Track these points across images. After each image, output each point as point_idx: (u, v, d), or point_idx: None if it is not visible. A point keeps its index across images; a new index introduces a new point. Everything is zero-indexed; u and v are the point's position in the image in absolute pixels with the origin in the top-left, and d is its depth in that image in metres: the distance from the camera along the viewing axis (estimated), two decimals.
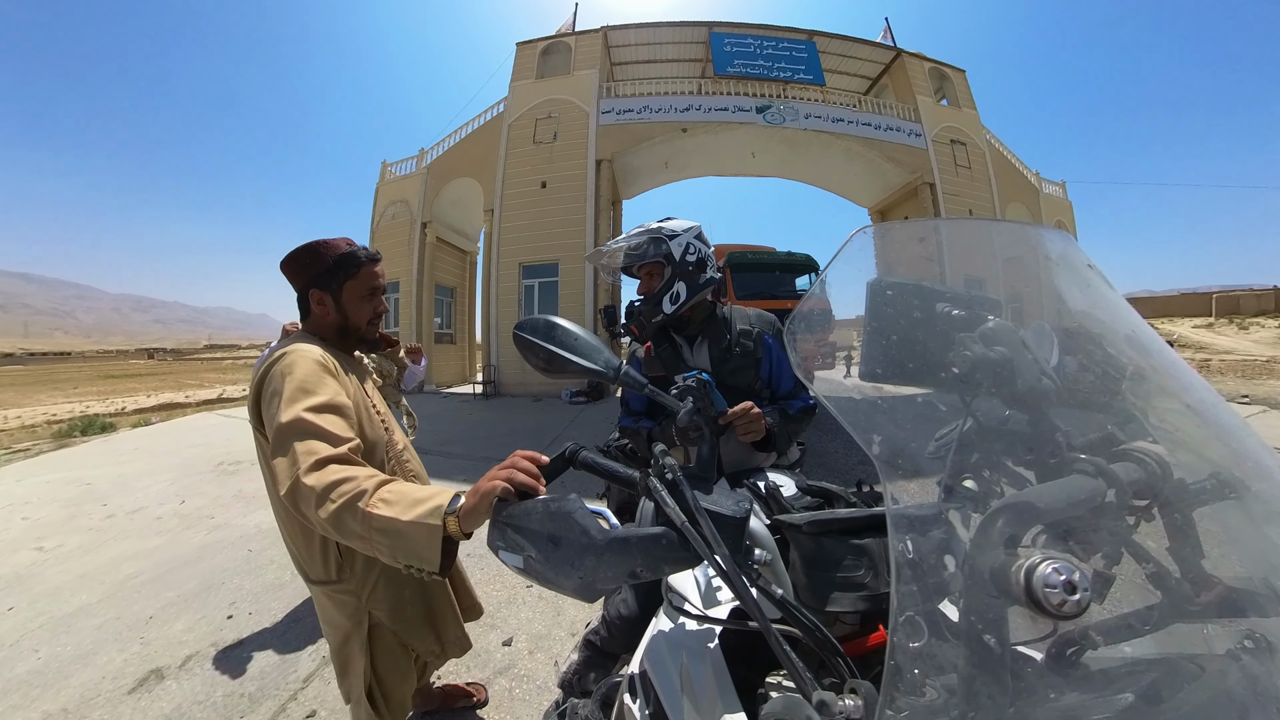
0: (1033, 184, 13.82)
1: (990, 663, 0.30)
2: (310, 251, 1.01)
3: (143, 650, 1.88)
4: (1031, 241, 0.50)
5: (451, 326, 13.87)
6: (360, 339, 1.08)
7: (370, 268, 1.05)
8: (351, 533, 0.61)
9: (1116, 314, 0.43)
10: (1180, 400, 0.38)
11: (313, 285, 1.01)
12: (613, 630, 0.94)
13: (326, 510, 0.62)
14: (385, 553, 0.60)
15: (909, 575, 0.34)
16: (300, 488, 0.65)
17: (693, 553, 0.44)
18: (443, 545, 0.57)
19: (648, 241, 1.13)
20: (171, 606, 2.13)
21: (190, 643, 1.91)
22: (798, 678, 0.37)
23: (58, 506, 3.55)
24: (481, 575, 2.41)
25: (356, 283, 1.03)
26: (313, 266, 1.01)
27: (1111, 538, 0.33)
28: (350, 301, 1.04)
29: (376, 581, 1.00)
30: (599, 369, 0.61)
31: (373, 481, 0.64)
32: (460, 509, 0.57)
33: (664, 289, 1.13)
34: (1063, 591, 0.28)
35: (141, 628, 2.01)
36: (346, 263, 1.01)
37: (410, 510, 0.59)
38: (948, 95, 12.94)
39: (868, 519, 0.55)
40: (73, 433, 6.24)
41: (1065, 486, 0.34)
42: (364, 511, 0.60)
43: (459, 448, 5.35)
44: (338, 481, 0.64)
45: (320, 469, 0.67)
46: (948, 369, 0.41)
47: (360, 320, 1.06)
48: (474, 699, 1.58)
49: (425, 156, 12.42)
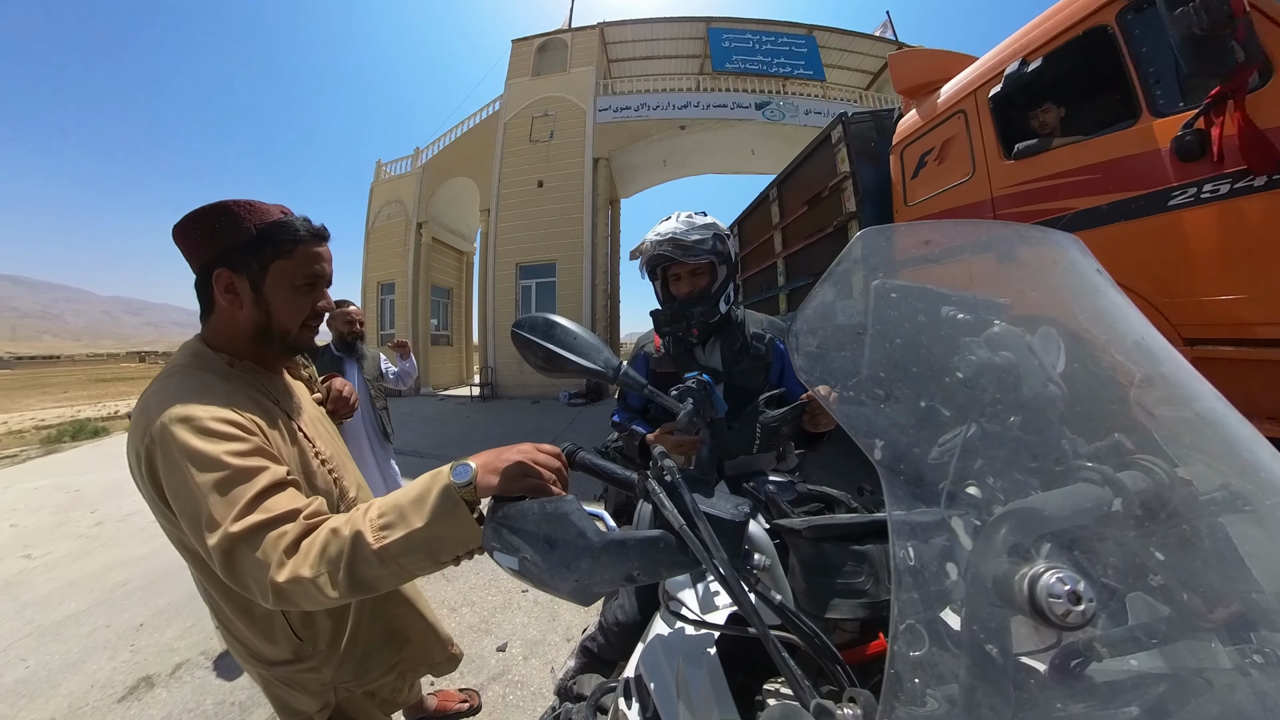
0: None
1: (992, 673, 0.30)
2: (221, 214, 0.69)
3: (133, 658, 1.87)
4: (1039, 245, 0.50)
5: (448, 328, 13.88)
6: (288, 348, 0.79)
7: (312, 246, 0.74)
8: (378, 579, 0.54)
9: (1125, 320, 0.43)
10: (1190, 408, 0.38)
11: (221, 263, 0.70)
12: (610, 637, 0.94)
13: (340, 585, 0.52)
14: (426, 563, 0.54)
15: (910, 582, 0.34)
16: (290, 589, 0.53)
17: (690, 557, 0.44)
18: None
19: (712, 237, 1.05)
20: (162, 614, 2.13)
21: (181, 650, 1.90)
22: (796, 686, 0.36)
23: (46, 513, 3.54)
24: (476, 579, 2.41)
25: (290, 264, 0.72)
26: (224, 236, 0.69)
27: (1118, 548, 0.33)
28: (278, 292, 0.72)
29: (345, 646, 0.83)
30: (598, 368, 0.61)
31: (354, 523, 0.54)
32: (478, 483, 0.54)
33: (720, 289, 1.11)
34: (1067, 602, 0.28)
35: (132, 635, 2.01)
36: (276, 234, 0.70)
37: (420, 512, 0.53)
38: None
39: (868, 525, 0.55)
40: (62, 438, 6.22)
41: (1071, 495, 0.34)
42: (377, 550, 0.52)
43: (456, 451, 5.36)
44: (323, 549, 0.53)
45: (295, 554, 0.54)
46: (952, 374, 0.41)
47: (291, 322, 0.75)
48: (468, 705, 1.58)
49: (420, 156, 12.43)
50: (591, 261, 10.12)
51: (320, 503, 0.62)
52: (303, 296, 0.76)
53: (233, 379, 0.72)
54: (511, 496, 0.52)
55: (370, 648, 0.89)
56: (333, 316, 2.31)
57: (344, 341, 2.31)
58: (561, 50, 11.45)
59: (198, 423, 0.61)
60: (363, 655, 0.86)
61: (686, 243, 1.04)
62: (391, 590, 0.81)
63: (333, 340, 2.33)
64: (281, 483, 0.61)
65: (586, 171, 10.37)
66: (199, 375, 0.70)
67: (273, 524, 0.56)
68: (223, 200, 0.71)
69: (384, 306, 12.55)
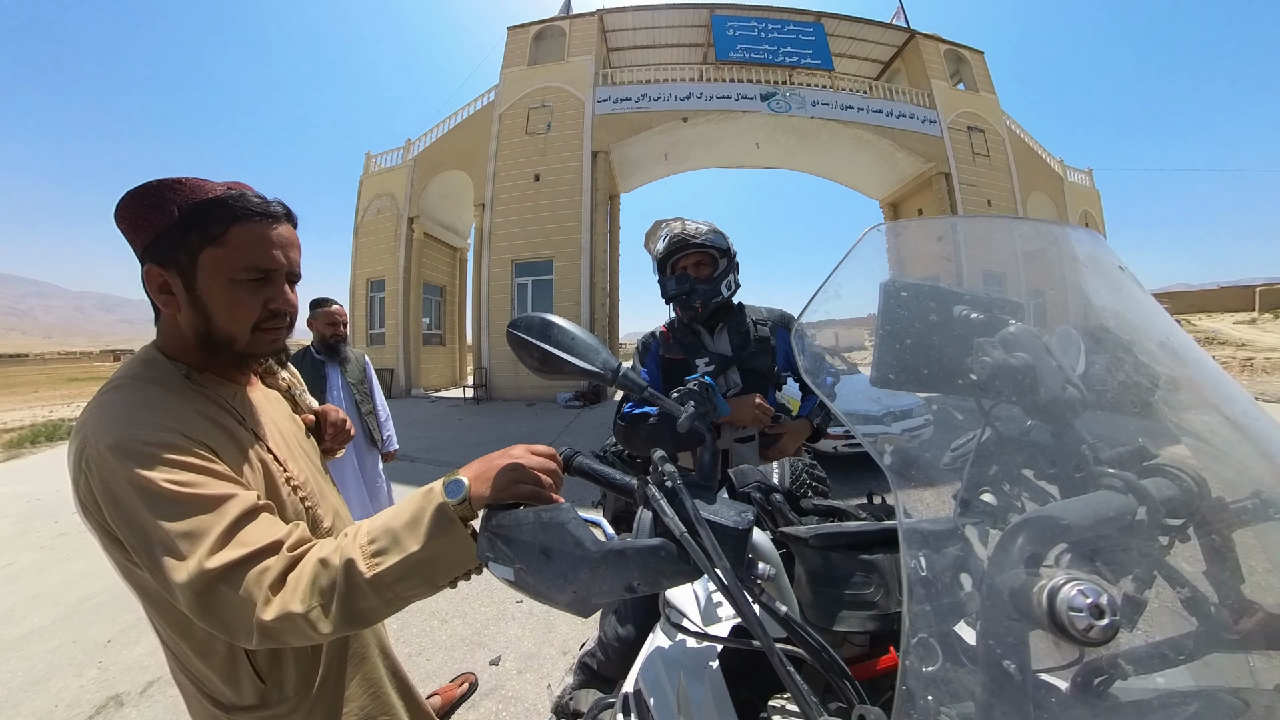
0: (1057, 172, 13.87)
1: (1010, 690, 0.29)
2: (144, 196, 0.60)
3: (101, 675, 1.86)
4: (1057, 241, 0.49)
5: (440, 327, 13.88)
6: (239, 357, 0.67)
7: (255, 228, 0.62)
8: (373, 609, 0.52)
9: (1149, 318, 0.43)
10: (1220, 412, 0.38)
11: (148, 257, 0.61)
12: (609, 653, 0.93)
13: (334, 619, 0.50)
14: (424, 589, 0.53)
15: (922, 594, 0.34)
16: (278, 627, 0.50)
17: (692, 566, 0.44)
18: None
19: (712, 231, 1.34)
20: (132, 629, 2.12)
21: (152, 668, 1.88)
22: (802, 702, 0.36)
23: (8, 522, 3.52)
24: (468, 589, 2.40)
25: (224, 253, 0.61)
26: (147, 223, 0.60)
27: (1143, 559, 0.33)
28: (213, 288, 0.62)
29: (317, 690, 0.76)
30: (597, 370, 0.61)
31: (343, 551, 0.52)
32: (471, 496, 0.53)
33: (722, 275, 1.34)
34: (1089, 615, 0.28)
35: (99, 652, 1.99)
36: (202, 216, 0.60)
37: (415, 534, 0.52)
38: (965, 79, 12.99)
39: (878, 533, 0.54)
40: (23, 443, 6.19)
41: (1092, 502, 0.34)
42: (371, 579, 0.50)
43: (447, 455, 5.35)
44: (313, 581, 0.51)
45: (281, 588, 0.51)
46: (965, 375, 0.41)
47: (234, 326, 0.64)
48: (467, 685, 1.74)
49: (412, 148, 12.45)
50: (590, 259, 10.13)
51: (302, 529, 0.58)
52: (246, 294, 0.63)
53: (189, 394, 0.64)
54: (506, 504, 0.52)
55: (347, 691, 0.81)
56: (314, 317, 2.26)
57: (326, 344, 2.26)
58: (559, 38, 11.48)
59: (142, 448, 0.54)
60: (334, 699, 0.79)
61: (691, 232, 1.33)
62: None
63: (314, 342, 2.29)
64: (254, 510, 0.57)
65: (585, 165, 10.39)
66: (146, 390, 0.62)
67: (253, 559, 0.52)
68: (155, 179, 0.61)
69: (373, 305, 12.55)
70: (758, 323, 1.40)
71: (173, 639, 0.68)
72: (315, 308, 2.29)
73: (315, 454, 0.91)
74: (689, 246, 1.33)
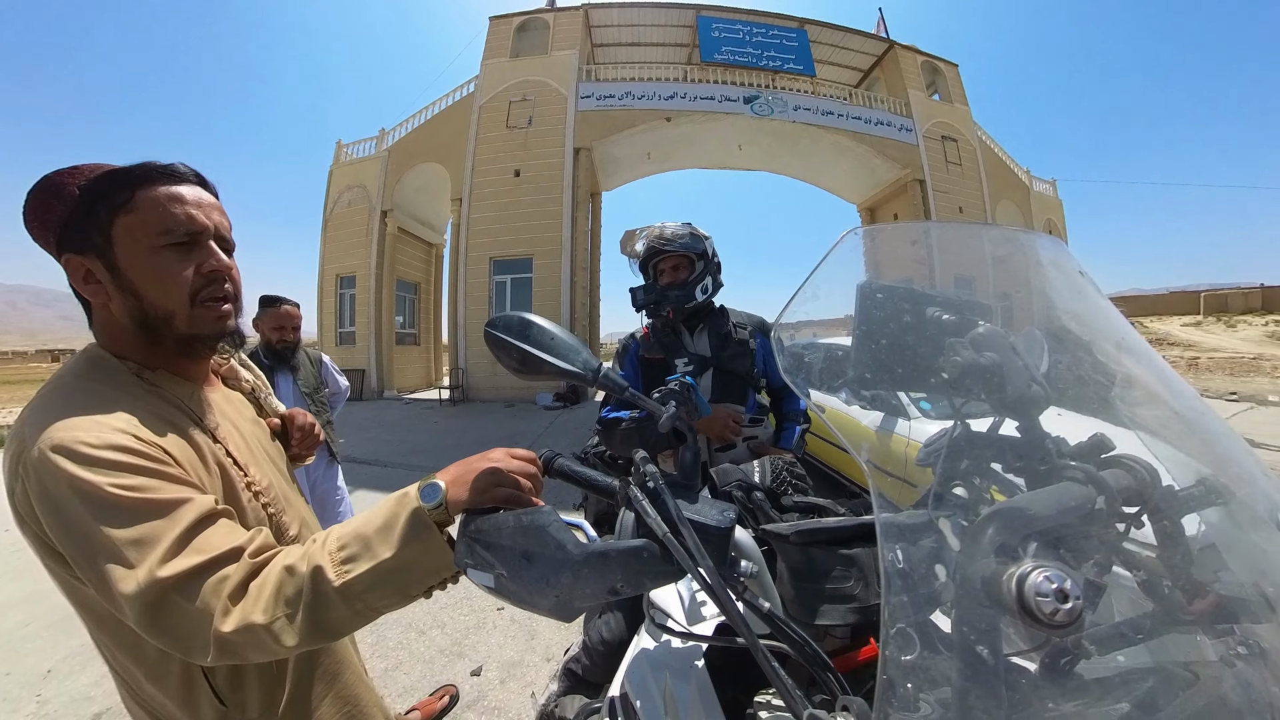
0: (1023, 182, 14.55)
1: (984, 675, 0.31)
2: (42, 190, 0.58)
3: (40, 710, 1.73)
4: (1023, 247, 0.52)
5: (415, 326, 13.55)
6: (186, 340, 0.63)
7: (161, 187, 0.59)
8: (342, 620, 0.50)
9: (1107, 321, 0.46)
10: (1169, 406, 0.41)
11: (63, 248, 0.59)
12: (594, 657, 0.93)
13: (300, 631, 0.48)
14: (396, 600, 0.51)
15: (899, 586, 0.35)
16: (238, 640, 0.47)
17: (675, 566, 0.44)
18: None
19: (689, 235, 1.36)
20: (74, 657, 1.97)
21: (99, 698, 1.76)
22: (787, 696, 0.37)
23: None
24: (446, 598, 2.35)
25: (135, 219, 0.58)
26: (52, 214, 0.58)
27: (1102, 545, 0.35)
28: (134, 261, 0.58)
29: (283, 713, 0.72)
30: (577, 370, 0.61)
31: (310, 557, 0.50)
32: (449, 500, 0.52)
33: (697, 279, 1.36)
34: (1055, 600, 0.30)
35: (38, 684, 1.85)
36: (103, 186, 0.57)
37: (388, 541, 0.50)
38: (940, 90, 13.50)
39: (856, 528, 0.56)
40: None
41: (1055, 493, 0.36)
42: (340, 587, 0.48)
43: (423, 459, 5.23)
44: (278, 590, 0.48)
45: (242, 598, 0.48)
46: (937, 374, 0.43)
47: (169, 298, 0.60)
48: (448, 698, 1.69)
49: (386, 138, 12.12)
50: (571, 257, 10.07)
51: (265, 535, 0.55)
52: (172, 260, 0.59)
53: (140, 393, 0.60)
54: (484, 509, 0.51)
55: (318, 712, 0.77)
56: (260, 317, 2.04)
57: (272, 350, 2.02)
58: (543, 31, 11.39)
59: (86, 450, 0.50)
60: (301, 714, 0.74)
61: (667, 236, 1.37)
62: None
63: (259, 347, 2.04)
64: (211, 514, 0.54)
65: (567, 161, 10.32)
66: (91, 388, 0.58)
67: (211, 567, 0.49)
68: (50, 171, 0.58)
69: (343, 302, 12.16)
70: (738, 325, 1.44)
71: (122, 664, 0.63)
72: (264, 306, 2.04)
73: (281, 459, 0.87)
74: (662, 252, 1.36)
